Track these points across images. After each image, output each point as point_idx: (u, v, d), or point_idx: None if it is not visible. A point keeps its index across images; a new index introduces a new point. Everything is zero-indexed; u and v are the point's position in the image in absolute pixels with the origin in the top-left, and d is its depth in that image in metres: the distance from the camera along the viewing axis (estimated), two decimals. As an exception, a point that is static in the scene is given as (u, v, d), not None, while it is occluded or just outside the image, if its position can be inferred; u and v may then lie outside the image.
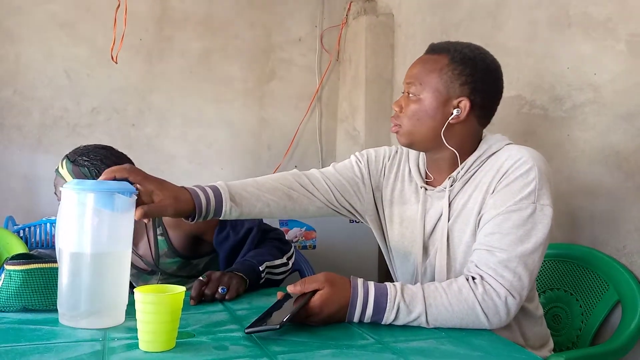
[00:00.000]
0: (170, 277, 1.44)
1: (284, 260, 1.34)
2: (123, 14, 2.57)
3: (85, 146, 1.40)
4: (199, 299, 1.10)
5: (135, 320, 0.80)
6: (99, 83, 2.77)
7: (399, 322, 0.94)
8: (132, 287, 1.53)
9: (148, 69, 2.85)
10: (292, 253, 1.41)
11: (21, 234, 2.31)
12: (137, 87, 2.84)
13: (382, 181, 1.24)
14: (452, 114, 1.09)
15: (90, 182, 0.94)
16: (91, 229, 0.91)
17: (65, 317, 0.91)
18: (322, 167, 1.26)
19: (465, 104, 1.09)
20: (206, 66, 2.95)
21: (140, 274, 1.46)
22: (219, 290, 1.11)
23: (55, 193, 1.36)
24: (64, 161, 1.36)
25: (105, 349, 0.79)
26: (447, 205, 1.11)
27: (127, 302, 0.93)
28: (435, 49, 1.14)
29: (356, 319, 0.94)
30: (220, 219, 1.08)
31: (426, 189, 1.16)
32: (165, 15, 2.87)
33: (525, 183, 1.01)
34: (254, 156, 3.10)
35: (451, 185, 1.11)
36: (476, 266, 1.00)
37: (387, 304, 0.93)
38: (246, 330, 0.85)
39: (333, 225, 2.41)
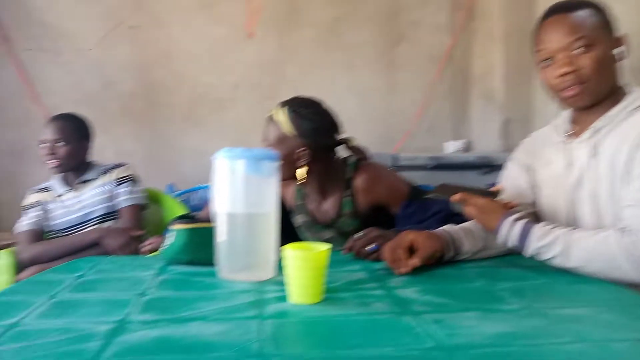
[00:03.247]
0: (342, 236, 1.50)
1: None
2: (257, -10, 2.70)
3: (302, 98, 1.43)
4: (349, 251, 1.18)
5: (285, 275, 0.87)
6: (238, 59, 2.96)
7: (540, 258, 1.03)
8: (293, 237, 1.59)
9: (282, 42, 2.97)
10: None
11: (180, 199, 2.59)
12: (272, 61, 2.98)
13: (530, 164, 1.27)
14: (614, 56, 1.09)
15: (239, 150, 1.02)
16: (242, 192, 0.99)
17: (224, 271, 1.02)
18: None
19: (625, 39, 1.11)
20: (336, 35, 2.99)
21: (314, 225, 1.55)
22: (370, 247, 1.15)
23: (263, 140, 1.42)
24: (283, 110, 1.39)
25: (260, 300, 0.86)
26: (590, 152, 1.10)
27: (276, 259, 1.01)
28: (570, 7, 1.11)
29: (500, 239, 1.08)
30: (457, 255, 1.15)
31: (568, 143, 1.16)
32: (296, -13, 2.95)
33: None
34: (384, 122, 3.09)
35: (594, 135, 1.11)
36: (627, 221, 0.99)
37: (526, 244, 1.03)
38: (433, 194, 1.14)
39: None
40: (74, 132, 1.81)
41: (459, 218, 1.36)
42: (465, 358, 0.62)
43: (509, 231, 1.05)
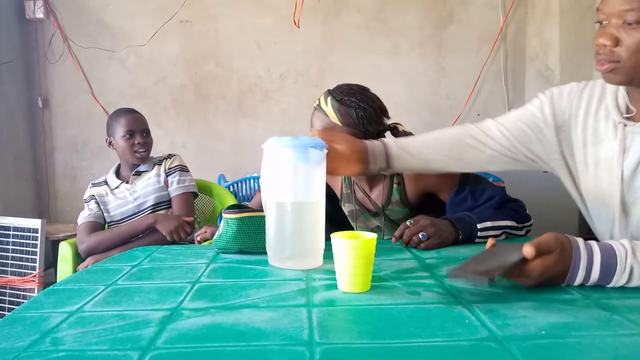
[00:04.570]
0: (392, 223, 1.49)
1: (515, 224, 1.24)
2: (302, -22, 2.68)
3: (348, 86, 1.42)
4: (398, 239, 1.17)
5: (332, 263, 0.86)
6: (284, 49, 2.97)
7: (633, 284, 0.81)
8: (342, 224, 1.58)
9: (327, 29, 2.95)
10: (530, 225, 1.29)
11: (231, 189, 2.65)
12: (318, 49, 2.97)
13: (568, 120, 1.11)
14: None
15: (286, 139, 1.02)
16: (290, 181, 0.99)
17: (274, 259, 1.03)
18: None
19: None
20: (381, 19, 2.94)
21: (363, 213, 1.54)
22: (420, 235, 1.13)
23: (310, 129, 1.42)
24: (329, 99, 1.38)
25: (309, 288, 0.87)
26: None
27: (324, 247, 1.01)
28: None
29: (577, 282, 0.83)
30: (384, 170, 1.16)
31: (625, 125, 1.01)
32: (340, -27, 2.91)
33: None
34: (432, 107, 3.02)
35: None
36: None
37: (617, 266, 0.81)
38: (452, 273, 0.81)
39: (522, 175, 2.25)
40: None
41: (514, 204, 1.31)
42: (519, 349, 0.59)
43: (589, 251, 0.83)
